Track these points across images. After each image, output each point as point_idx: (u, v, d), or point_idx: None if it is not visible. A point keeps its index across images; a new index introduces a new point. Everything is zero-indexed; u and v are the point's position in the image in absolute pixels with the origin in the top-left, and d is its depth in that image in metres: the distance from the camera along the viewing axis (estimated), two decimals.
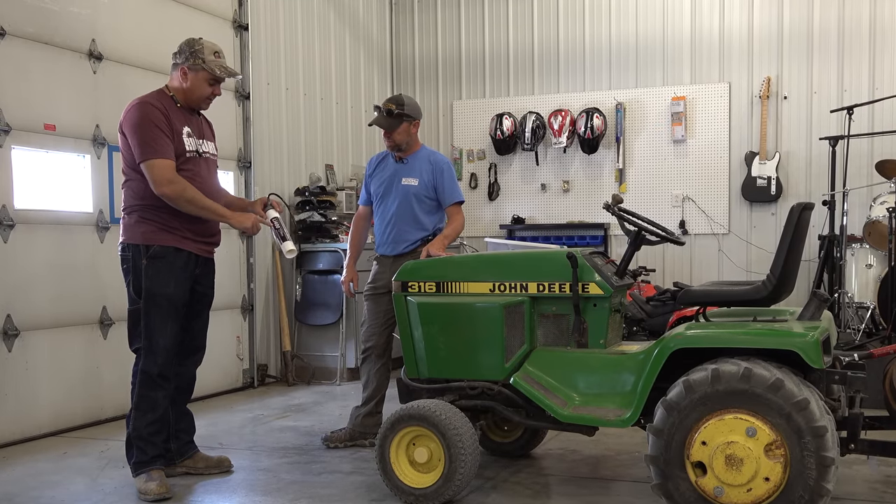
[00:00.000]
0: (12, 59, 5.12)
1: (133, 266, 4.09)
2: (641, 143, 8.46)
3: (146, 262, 4.05)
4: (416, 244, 4.79)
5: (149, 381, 4.08)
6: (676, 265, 8.33)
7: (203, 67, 4.13)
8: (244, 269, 7.06)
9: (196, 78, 4.14)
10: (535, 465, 4.49)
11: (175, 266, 4.09)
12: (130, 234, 4.09)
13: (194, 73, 4.13)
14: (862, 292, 6.81)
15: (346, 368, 7.18)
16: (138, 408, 4.09)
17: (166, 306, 4.07)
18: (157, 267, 4.05)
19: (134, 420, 4.10)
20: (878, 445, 3.56)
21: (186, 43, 4.18)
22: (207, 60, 4.13)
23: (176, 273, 4.09)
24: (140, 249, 4.06)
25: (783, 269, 3.58)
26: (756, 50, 8.10)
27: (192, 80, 4.14)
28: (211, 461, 4.43)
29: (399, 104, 4.78)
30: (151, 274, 4.05)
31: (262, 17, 7.28)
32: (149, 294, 4.06)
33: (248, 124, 7.06)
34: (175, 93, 4.18)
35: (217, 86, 4.24)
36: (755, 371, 3.21)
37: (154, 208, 4.04)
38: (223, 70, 4.19)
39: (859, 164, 7.59)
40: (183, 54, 4.16)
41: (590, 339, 3.86)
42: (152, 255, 4.05)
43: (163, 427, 4.17)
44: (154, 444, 4.10)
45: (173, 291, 4.09)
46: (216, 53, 4.19)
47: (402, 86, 9.29)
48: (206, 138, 4.30)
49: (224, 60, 4.24)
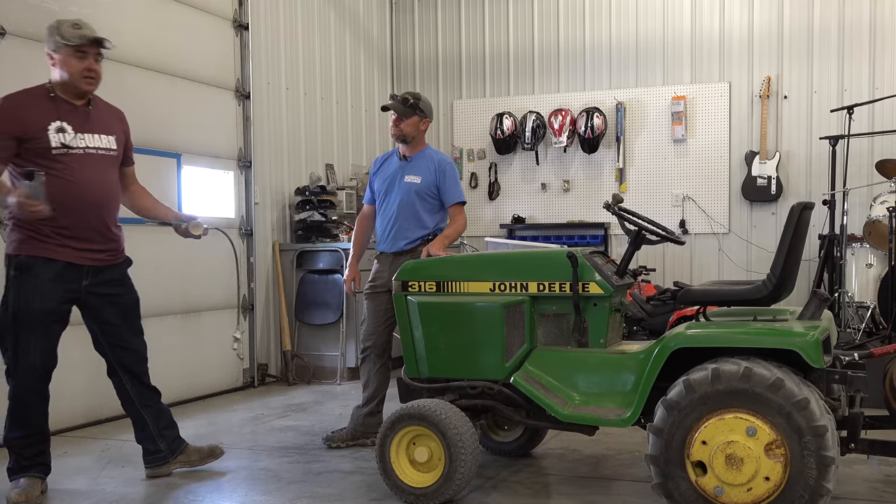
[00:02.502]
0: (12, 58, 5.11)
1: (6, 277, 3.86)
2: (642, 143, 8.46)
3: (13, 274, 3.82)
4: (417, 242, 4.79)
5: (19, 397, 3.89)
6: (677, 265, 8.33)
7: (63, 44, 3.80)
8: (244, 269, 7.06)
9: (61, 58, 3.83)
10: (536, 464, 4.49)
11: (42, 278, 3.82)
12: (7, 243, 3.89)
13: (59, 53, 3.83)
14: (862, 292, 6.81)
15: (346, 368, 7.18)
16: (12, 420, 3.91)
17: (31, 322, 3.82)
18: (22, 279, 3.81)
19: (7, 430, 3.94)
20: (878, 445, 3.56)
21: (47, 28, 3.88)
22: (65, 34, 3.80)
23: (42, 286, 3.82)
24: (11, 260, 3.85)
25: (783, 268, 3.57)
26: (756, 49, 8.10)
27: (60, 61, 3.84)
28: (203, 452, 4.40)
29: (416, 98, 4.87)
30: (16, 286, 3.81)
31: (262, 16, 7.28)
32: (14, 308, 3.81)
33: (249, 124, 7.06)
34: (54, 85, 3.90)
35: (88, 58, 3.87)
36: (755, 370, 3.21)
37: None
38: (80, 37, 3.81)
39: (859, 164, 7.59)
40: (47, 42, 3.87)
41: (590, 338, 3.85)
42: (18, 265, 3.82)
43: (37, 440, 3.97)
44: (27, 455, 3.94)
45: (39, 306, 3.82)
46: (74, 25, 3.84)
47: (402, 85, 9.29)
48: (94, 132, 3.97)
49: (86, 30, 3.85)
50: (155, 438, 4.28)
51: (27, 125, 3.80)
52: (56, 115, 3.87)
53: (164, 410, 4.33)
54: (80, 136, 3.92)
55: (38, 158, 3.80)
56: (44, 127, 3.82)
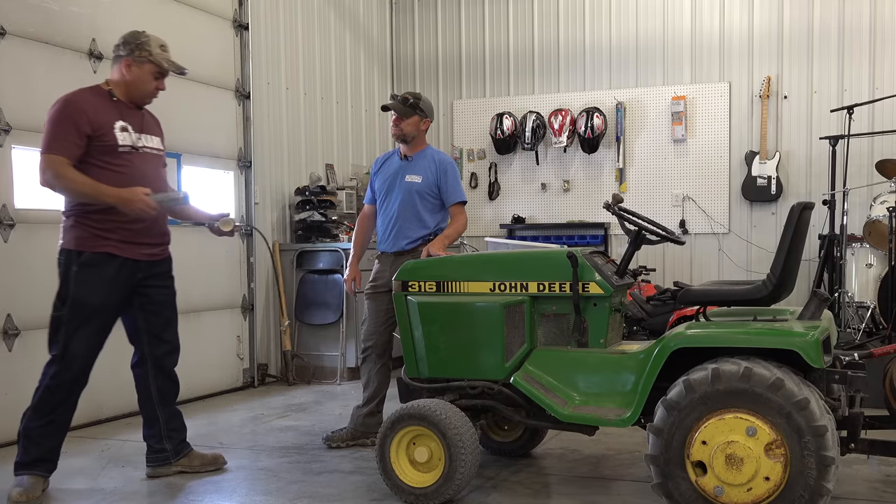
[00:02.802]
0: (12, 58, 5.12)
1: (63, 272, 3.95)
2: (642, 143, 8.46)
3: (76, 269, 3.92)
4: (418, 242, 4.80)
5: (56, 388, 3.96)
6: (676, 265, 8.33)
7: (149, 60, 4.01)
8: (244, 269, 7.06)
9: (141, 71, 4.02)
10: (536, 464, 4.49)
11: (106, 274, 3.95)
12: (66, 239, 3.98)
13: (139, 65, 4.01)
14: (862, 292, 6.81)
15: (346, 368, 7.18)
16: (35, 409, 3.97)
17: (91, 315, 3.94)
18: (86, 274, 3.92)
19: (27, 419, 3.99)
20: (878, 445, 3.56)
21: (131, 35, 4.04)
22: (154, 53, 4.01)
23: (107, 282, 3.96)
24: (72, 255, 3.94)
25: (783, 268, 3.57)
26: (756, 49, 8.10)
27: (137, 73, 4.02)
28: (206, 458, 4.42)
29: (416, 97, 4.87)
30: (80, 281, 3.92)
31: (262, 16, 7.28)
32: (74, 301, 3.92)
33: (249, 124, 7.06)
34: (114, 87, 4.05)
35: (161, 80, 4.11)
36: (755, 370, 3.21)
37: (89, 212, 3.92)
38: (170, 63, 4.07)
39: (859, 164, 7.60)
40: (128, 46, 4.02)
41: (590, 338, 3.85)
42: (83, 262, 3.92)
43: (55, 432, 4.04)
44: (41, 446, 3.99)
45: (102, 301, 3.97)
46: (162, 47, 4.06)
47: (402, 85, 9.29)
48: (148, 133, 4.15)
49: (170, 55, 4.10)
50: (162, 438, 4.31)
51: (97, 123, 3.92)
52: (119, 115, 4.02)
53: (177, 412, 4.38)
54: (139, 136, 4.08)
55: (103, 156, 3.94)
56: (110, 125, 3.96)
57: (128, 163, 4.00)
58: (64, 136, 3.84)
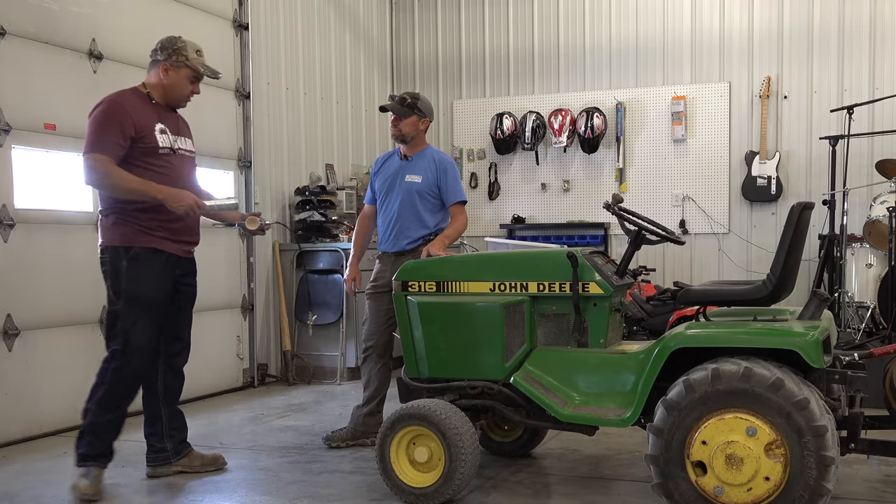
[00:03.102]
0: (12, 58, 5.12)
1: (112, 268, 4.06)
2: (642, 143, 8.46)
3: (126, 264, 4.03)
4: (418, 242, 4.80)
5: (121, 380, 4.06)
6: (676, 265, 8.33)
7: (186, 65, 4.14)
8: (244, 269, 7.06)
9: (177, 75, 4.15)
10: (536, 464, 4.49)
11: (154, 268, 4.07)
12: (109, 237, 4.07)
13: (175, 70, 4.14)
14: (862, 292, 6.81)
15: (346, 368, 7.18)
16: (101, 404, 4.05)
17: (145, 308, 4.05)
18: (137, 269, 4.03)
19: (93, 414, 4.06)
20: (878, 445, 3.56)
21: (168, 40, 4.17)
22: (190, 58, 4.14)
23: (155, 275, 4.08)
24: (120, 251, 4.04)
25: (783, 268, 3.58)
26: (756, 49, 8.10)
27: (174, 77, 4.15)
28: (206, 459, 4.44)
29: (415, 97, 4.87)
30: (132, 276, 4.03)
31: (262, 16, 7.28)
32: (128, 296, 4.03)
33: (248, 124, 7.06)
34: (151, 90, 4.17)
35: (197, 84, 4.24)
36: (755, 370, 3.21)
37: (131, 210, 4.01)
38: (206, 68, 4.19)
39: (859, 164, 7.59)
40: (165, 51, 4.15)
41: (590, 338, 3.85)
42: (132, 256, 4.03)
43: (118, 426, 4.13)
44: (105, 441, 4.08)
45: (153, 294, 4.08)
46: (198, 52, 4.19)
47: (402, 86, 9.29)
48: (182, 135, 4.28)
49: (205, 59, 4.24)
50: (163, 437, 4.34)
51: (140, 125, 4.04)
52: (158, 117, 4.14)
53: (179, 412, 4.42)
54: (175, 139, 4.21)
55: (144, 157, 4.05)
56: (151, 127, 4.08)
57: (167, 164, 4.11)
58: (109, 136, 3.95)
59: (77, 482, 4.00)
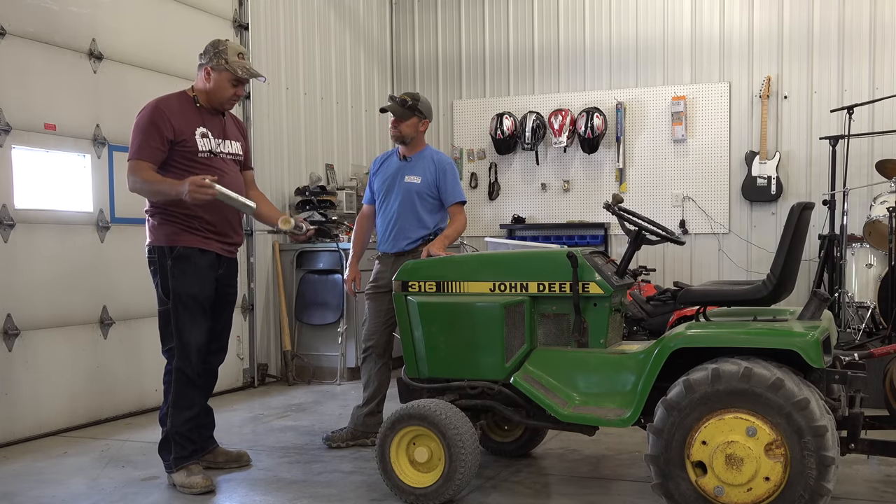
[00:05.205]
0: (12, 58, 5.12)
1: (160, 267, 4.14)
2: (642, 143, 8.46)
3: (171, 263, 4.10)
4: (418, 242, 4.80)
5: (184, 379, 4.15)
6: (676, 265, 8.33)
7: (226, 68, 4.18)
8: (244, 269, 7.05)
9: (219, 78, 4.20)
10: (536, 464, 4.49)
11: (200, 266, 4.14)
12: (155, 236, 4.15)
13: (217, 73, 4.19)
14: (862, 292, 6.81)
15: (346, 368, 7.18)
16: (176, 405, 4.16)
17: (193, 305, 4.12)
18: (182, 267, 4.10)
19: (172, 418, 4.16)
20: (878, 445, 3.56)
21: (212, 44, 4.24)
22: (231, 61, 4.19)
23: (201, 273, 4.14)
24: (165, 251, 4.11)
25: (783, 268, 3.58)
26: (756, 50, 8.10)
27: (216, 80, 4.20)
28: (231, 455, 4.52)
29: (415, 99, 4.86)
30: (177, 274, 4.10)
31: (262, 16, 7.28)
32: (176, 294, 4.11)
33: (249, 124, 7.06)
34: (198, 94, 4.25)
35: (240, 87, 4.28)
36: (755, 370, 3.21)
37: (175, 210, 4.08)
38: (245, 71, 4.23)
39: (859, 164, 7.60)
40: (207, 55, 4.22)
41: (590, 338, 3.85)
42: (177, 255, 4.10)
43: (199, 422, 4.25)
44: (192, 439, 4.20)
45: (199, 291, 4.14)
46: (240, 55, 4.24)
47: (402, 86, 9.30)
48: (229, 138, 4.31)
49: (248, 62, 4.29)
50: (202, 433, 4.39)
51: (179, 129, 4.09)
52: (201, 121, 4.19)
53: (210, 409, 4.47)
54: (219, 142, 4.25)
55: (184, 161, 4.11)
56: (192, 132, 4.13)
57: (207, 167, 4.14)
58: (148, 141, 4.03)
59: (186, 482, 4.06)
